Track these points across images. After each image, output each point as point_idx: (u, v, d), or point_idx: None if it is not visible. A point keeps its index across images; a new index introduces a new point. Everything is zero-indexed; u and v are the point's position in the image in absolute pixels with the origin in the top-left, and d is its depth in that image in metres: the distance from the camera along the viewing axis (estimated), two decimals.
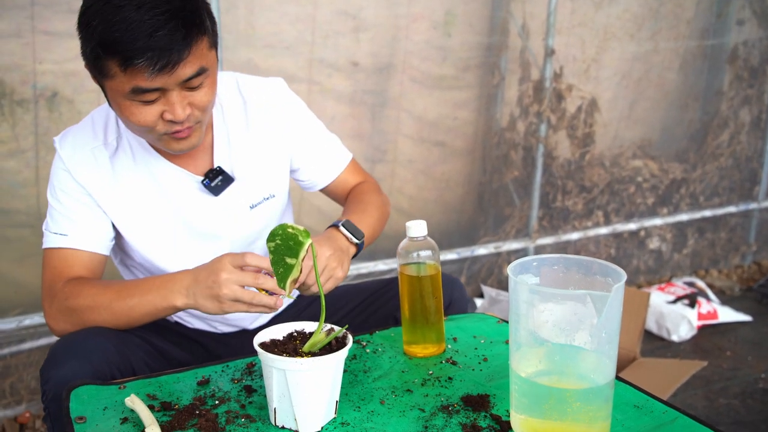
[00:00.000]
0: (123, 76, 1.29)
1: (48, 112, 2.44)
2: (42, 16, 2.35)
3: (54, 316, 1.46)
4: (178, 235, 1.57)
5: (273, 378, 1.16)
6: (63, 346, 1.38)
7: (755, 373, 2.94)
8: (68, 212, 1.51)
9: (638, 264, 3.84)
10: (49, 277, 1.49)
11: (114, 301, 1.42)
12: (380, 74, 3.01)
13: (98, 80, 1.37)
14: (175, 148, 1.44)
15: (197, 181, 1.55)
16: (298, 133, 1.68)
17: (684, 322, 3.22)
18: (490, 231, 3.44)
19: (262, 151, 1.63)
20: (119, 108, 1.37)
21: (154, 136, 1.41)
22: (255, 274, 1.34)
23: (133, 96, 1.32)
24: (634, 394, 1.30)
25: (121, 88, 1.31)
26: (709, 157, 3.93)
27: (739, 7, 3.82)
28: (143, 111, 1.35)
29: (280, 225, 1.15)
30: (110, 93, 1.36)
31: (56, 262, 1.50)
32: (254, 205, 1.62)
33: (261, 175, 1.63)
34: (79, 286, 1.45)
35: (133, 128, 1.41)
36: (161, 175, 1.54)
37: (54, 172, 1.53)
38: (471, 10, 3.13)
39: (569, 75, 3.37)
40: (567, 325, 1.10)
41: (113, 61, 1.28)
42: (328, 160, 1.75)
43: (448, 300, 1.69)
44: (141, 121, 1.36)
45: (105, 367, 1.36)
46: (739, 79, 3.92)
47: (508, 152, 3.37)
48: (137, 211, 1.54)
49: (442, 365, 1.42)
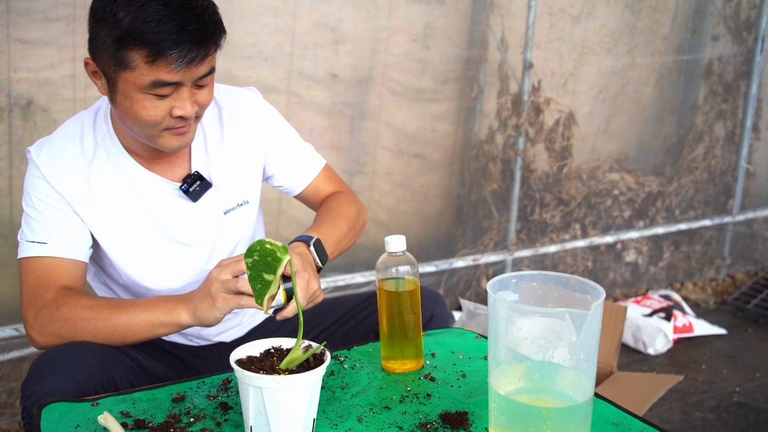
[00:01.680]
0: (146, 68, 1.32)
1: (22, 121, 2.40)
2: (17, 25, 2.32)
3: (39, 328, 1.42)
4: (154, 242, 1.56)
5: (249, 395, 1.15)
6: (46, 360, 1.35)
7: (730, 387, 2.96)
8: (46, 220, 1.48)
9: (615, 277, 3.87)
10: (32, 286, 1.46)
11: (114, 315, 1.41)
12: (359, 86, 3.00)
13: (110, 73, 1.36)
14: (173, 144, 1.44)
15: (174, 188, 1.55)
16: (272, 140, 1.69)
17: (660, 336, 3.25)
18: (469, 243, 3.44)
19: (236, 158, 1.63)
20: (131, 102, 1.36)
21: (155, 132, 1.41)
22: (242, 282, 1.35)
23: (150, 89, 1.34)
24: (612, 412, 1.30)
25: (140, 80, 1.33)
26: (685, 170, 3.97)
27: (713, 24, 3.88)
28: (155, 105, 1.37)
29: (258, 241, 1.14)
30: (123, 85, 1.35)
31: (39, 272, 1.46)
32: (227, 211, 1.62)
33: (235, 181, 1.63)
34: (75, 297, 1.43)
35: (138, 123, 1.40)
36: (138, 182, 1.53)
37: (29, 181, 1.50)
38: (450, 23, 3.14)
39: (547, 89, 3.39)
40: (546, 342, 1.10)
41: (140, 52, 1.31)
42: (302, 166, 1.76)
43: (429, 314, 1.69)
44: (151, 115, 1.37)
45: (88, 382, 1.33)
46: (713, 93, 3.97)
47: (486, 165, 3.38)
48: (114, 218, 1.52)
49: (420, 381, 1.42)
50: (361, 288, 3.12)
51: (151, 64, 1.31)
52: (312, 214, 1.88)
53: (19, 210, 2.46)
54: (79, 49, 2.41)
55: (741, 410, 2.78)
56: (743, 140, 4.08)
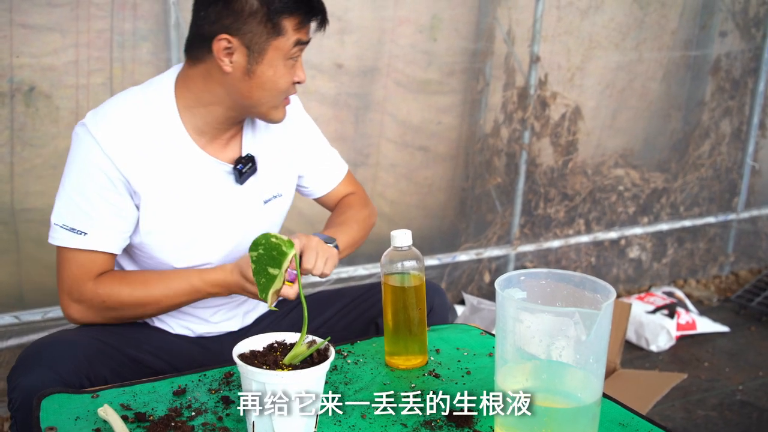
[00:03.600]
0: (293, 33, 1.47)
1: (24, 107, 2.38)
2: (20, 9, 2.29)
3: (84, 311, 1.52)
4: (194, 222, 1.56)
5: (252, 390, 1.13)
6: (32, 353, 1.35)
7: (733, 385, 2.95)
8: (91, 208, 1.47)
9: (618, 273, 3.85)
10: (71, 276, 1.50)
11: (162, 295, 1.52)
12: (364, 77, 2.98)
13: (260, 43, 1.46)
14: (282, 115, 1.58)
15: (225, 169, 1.58)
16: (307, 145, 1.78)
17: (663, 333, 3.23)
18: (472, 237, 3.42)
19: (278, 152, 1.69)
20: (274, 69, 1.48)
21: (279, 100, 1.54)
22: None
23: (293, 50, 1.49)
24: (619, 412, 1.28)
25: (287, 46, 1.47)
26: (690, 167, 3.94)
27: (722, 19, 3.84)
28: (289, 72, 1.51)
29: (263, 234, 1.12)
30: (273, 53, 1.47)
31: (77, 262, 1.50)
32: (266, 201, 1.66)
33: (275, 173, 1.68)
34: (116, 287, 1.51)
35: (272, 93, 1.51)
36: (191, 161, 1.55)
37: (83, 158, 1.47)
38: (457, 15, 3.11)
39: (554, 82, 3.36)
40: (554, 341, 1.08)
41: (292, 19, 1.46)
42: (328, 173, 1.84)
43: (429, 306, 1.66)
44: (287, 82, 1.52)
45: (73, 376, 1.32)
46: (720, 90, 3.94)
47: (491, 158, 3.35)
48: (162, 196, 1.52)
49: (424, 378, 1.40)
50: (364, 280, 3.10)
51: (297, 30, 1.47)
52: (316, 207, 1.88)
53: (20, 196, 2.46)
54: (82, 35, 2.39)
55: (744, 409, 2.77)
56: (749, 137, 4.05)
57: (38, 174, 2.45)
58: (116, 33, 2.44)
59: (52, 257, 2.48)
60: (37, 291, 2.54)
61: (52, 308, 2.51)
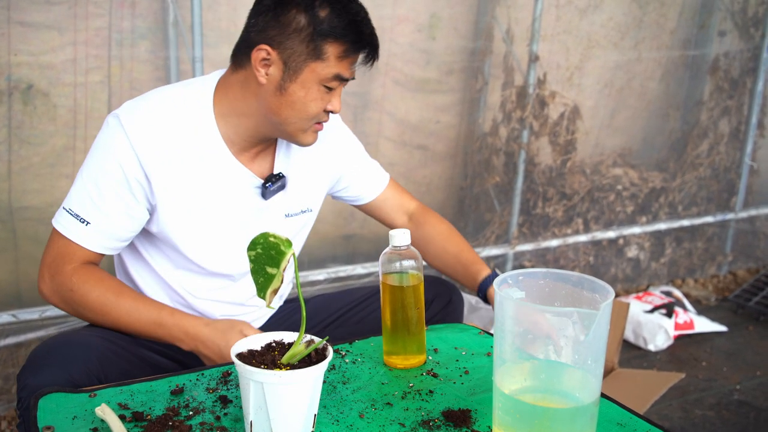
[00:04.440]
0: (335, 61, 1.43)
1: (22, 105, 2.38)
2: (18, 7, 2.29)
3: (53, 291, 1.51)
4: (220, 228, 1.57)
5: (250, 390, 1.13)
6: (42, 353, 1.35)
7: (730, 384, 2.95)
8: (102, 203, 1.46)
9: (616, 272, 3.85)
10: (54, 255, 1.51)
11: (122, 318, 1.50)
12: (363, 75, 2.95)
13: (298, 62, 1.44)
14: (311, 140, 1.54)
15: (254, 183, 1.57)
16: (349, 159, 1.77)
17: (661, 332, 3.23)
18: (470, 236, 3.42)
19: (311, 168, 1.68)
20: (306, 92, 1.45)
21: (308, 125, 1.51)
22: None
23: (330, 82, 1.45)
24: (617, 412, 1.28)
25: (325, 72, 1.44)
26: (689, 166, 3.94)
27: (721, 19, 3.84)
28: (322, 98, 1.47)
29: (261, 234, 1.12)
30: (308, 75, 1.44)
31: (65, 249, 1.49)
32: (290, 215, 1.66)
33: (305, 189, 1.67)
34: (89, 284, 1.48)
35: (300, 115, 1.48)
36: (222, 168, 1.54)
37: (109, 149, 1.45)
38: (456, 13, 3.11)
39: (552, 82, 3.36)
40: (553, 341, 1.08)
41: (337, 46, 1.43)
42: (372, 180, 1.83)
43: (446, 300, 1.74)
44: (317, 107, 1.48)
45: (84, 377, 1.32)
46: (719, 89, 3.94)
47: (489, 157, 3.35)
48: (189, 197, 1.51)
49: (422, 377, 1.40)
50: (362, 279, 3.10)
51: (342, 59, 1.43)
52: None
53: (18, 194, 2.45)
54: (80, 33, 2.38)
55: (741, 408, 2.77)
56: (748, 137, 4.06)
57: (36, 172, 2.44)
58: (114, 31, 2.43)
59: None
60: (35, 289, 2.50)
61: (50, 307, 2.51)
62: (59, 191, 2.48)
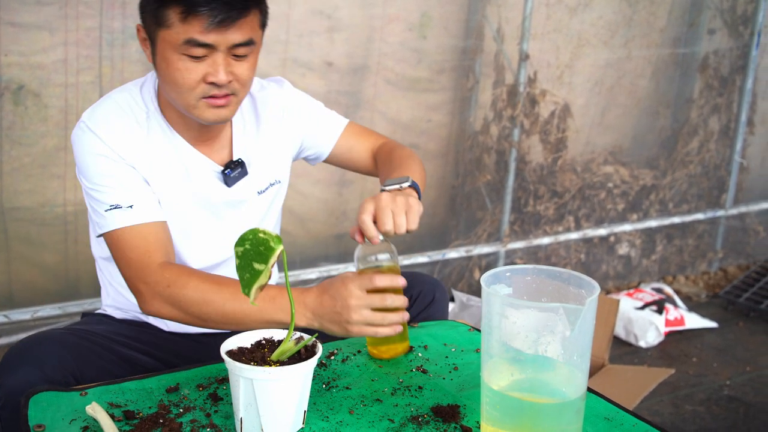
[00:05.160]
0: (180, 26, 1.36)
1: (13, 106, 2.38)
2: (9, 8, 2.29)
3: (153, 298, 1.42)
4: (196, 215, 1.58)
5: (240, 387, 1.14)
6: (17, 352, 1.35)
7: (720, 380, 2.97)
8: (124, 182, 1.47)
9: (607, 269, 3.87)
10: (134, 259, 1.44)
11: (228, 302, 1.38)
12: (354, 75, 2.98)
13: (152, 33, 1.42)
14: (208, 116, 1.46)
15: (215, 170, 1.58)
16: (304, 121, 1.73)
17: (651, 329, 3.25)
18: (462, 234, 3.43)
19: (270, 143, 1.68)
20: (167, 63, 1.40)
21: (192, 100, 1.43)
22: (383, 295, 1.34)
23: (185, 49, 1.38)
24: (604, 407, 1.29)
25: (175, 39, 1.38)
26: (679, 164, 3.97)
27: (710, 17, 3.87)
28: (189, 68, 1.40)
29: (251, 230, 1.13)
30: (161, 45, 1.40)
31: (137, 241, 1.44)
32: (261, 191, 1.66)
33: (269, 164, 1.67)
34: (184, 276, 1.41)
35: (175, 89, 1.43)
36: (186, 157, 1.55)
37: (91, 152, 1.46)
38: (447, 12, 3.12)
39: (543, 80, 3.38)
40: (539, 336, 1.09)
41: (174, 9, 1.36)
42: (326, 129, 1.77)
43: (430, 297, 1.71)
44: (185, 79, 1.40)
45: (58, 374, 1.32)
46: (709, 87, 3.96)
47: (481, 156, 3.37)
48: (164, 189, 1.53)
49: (412, 374, 1.41)
50: None
51: (183, 21, 1.36)
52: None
53: (9, 195, 2.45)
54: (71, 34, 2.38)
55: (731, 404, 2.79)
56: (737, 134, 4.08)
57: (27, 173, 2.44)
58: (105, 31, 2.43)
59: (42, 256, 2.48)
60: (27, 290, 2.54)
61: (42, 307, 2.51)
62: (51, 191, 2.49)
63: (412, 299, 1.67)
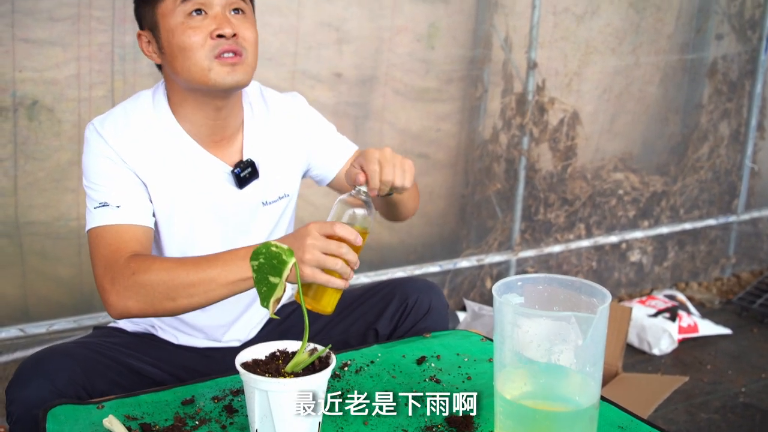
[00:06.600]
0: None
1: (27, 121, 2.40)
2: (23, 24, 2.32)
3: (116, 295, 1.38)
4: (201, 220, 1.58)
5: (255, 399, 1.15)
6: (28, 366, 1.37)
7: (735, 387, 2.96)
8: (118, 184, 1.49)
9: (619, 276, 3.86)
10: (105, 254, 1.43)
11: (191, 272, 1.36)
12: (363, 86, 3.00)
13: (151, 18, 1.48)
14: (225, 77, 1.47)
15: (225, 171, 1.58)
16: (315, 138, 1.74)
17: (665, 336, 3.24)
18: (473, 243, 3.44)
19: (281, 154, 1.68)
20: (173, 34, 1.45)
21: (205, 61, 1.46)
22: (339, 243, 1.31)
23: (184, 8, 1.44)
24: (618, 415, 1.29)
25: (172, 5, 1.44)
26: (689, 170, 3.96)
27: (718, 22, 3.87)
28: (194, 27, 1.44)
29: (263, 244, 1.14)
30: (163, 21, 1.46)
31: (110, 239, 1.44)
32: (267, 203, 1.65)
33: (279, 175, 1.67)
34: (148, 260, 1.40)
35: (187, 56, 1.46)
36: (193, 160, 1.56)
37: (94, 153, 1.50)
38: (454, 23, 3.13)
39: (551, 88, 3.38)
40: (552, 345, 1.10)
41: None
42: (335, 153, 1.78)
43: (426, 306, 1.68)
44: (192, 39, 1.44)
45: (69, 387, 1.34)
46: (718, 92, 3.96)
47: (490, 165, 3.37)
48: (169, 193, 1.54)
49: (425, 383, 1.41)
50: None
51: None
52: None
53: (24, 210, 2.48)
54: (84, 49, 2.41)
55: (747, 411, 2.77)
56: (748, 139, 4.07)
57: (41, 187, 2.47)
58: (117, 46, 2.46)
59: (56, 270, 2.50)
60: (42, 304, 2.56)
61: (57, 320, 2.53)
62: (64, 205, 2.51)
63: (407, 308, 1.67)
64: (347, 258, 1.32)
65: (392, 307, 1.68)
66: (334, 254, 1.30)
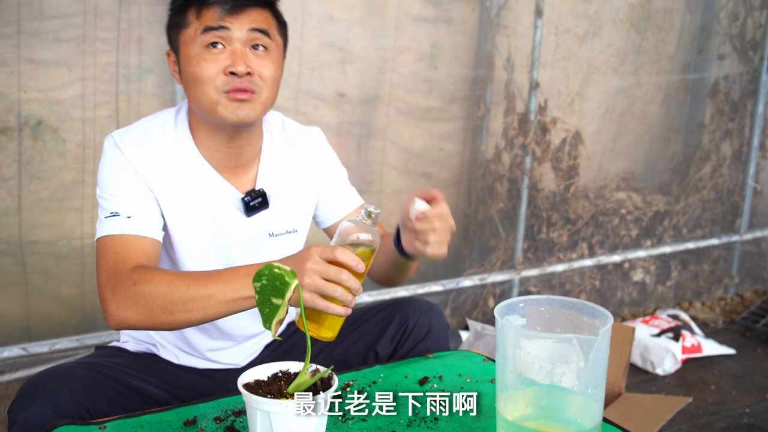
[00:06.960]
0: (197, 22, 1.47)
1: (32, 141, 2.42)
2: (28, 45, 2.34)
3: (116, 304, 1.38)
4: (203, 244, 1.58)
5: (257, 420, 1.15)
6: (30, 387, 1.37)
7: (740, 408, 2.94)
8: (130, 196, 1.50)
9: (622, 296, 3.85)
10: (110, 263, 1.43)
11: (192, 287, 1.35)
12: (366, 106, 3.02)
13: (175, 43, 1.52)
14: (231, 113, 1.48)
15: (236, 198, 1.58)
16: (329, 178, 1.75)
17: (668, 356, 3.22)
18: (475, 263, 3.44)
19: (296, 187, 1.68)
20: (189, 62, 1.48)
21: (215, 94, 1.47)
22: (339, 269, 1.29)
23: (203, 40, 1.46)
24: None
25: (193, 34, 1.47)
26: (692, 189, 3.96)
27: (719, 43, 3.89)
28: (209, 60, 1.46)
29: (266, 265, 1.14)
30: (184, 48, 1.49)
31: (117, 248, 1.45)
32: (274, 234, 1.64)
33: (289, 209, 1.67)
34: (150, 272, 1.40)
35: (199, 86, 1.48)
36: (209, 184, 1.57)
37: (110, 164, 1.52)
38: (457, 43, 3.16)
39: (554, 108, 3.40)
40: (554, 367, 1.10)
41: (191, 10, 1.48)
42: (340, 201, 1.78)
43: (427, 328, 1.67)
44: (206, 70, 1.46)
45: (71, 407, 1.33)
46: (720, 112, 3.97)
47: (493, 184, 3.38)
48: (177, 212, 1.55)
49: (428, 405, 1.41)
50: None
51: (199, 16, 1.46)
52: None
53: (28, 229, 2.49)
54: (88, 69, 2.43)
55: (751, 431, 2.76)
56: (750, 159, 4.08)
57: (45, 206, 2.48)
58: (122, 66, 2.48)
59: (59, 289, 2.51)
60: (45, 323, 2.56)
61: (60, 339, 2.53)
62: (68, 225, 2.52)
63: (407, 330, 1.66)
64: (348, 285, 1.29)
65: (392, 329, 1.68)
66: (333, 281, 1.29)
